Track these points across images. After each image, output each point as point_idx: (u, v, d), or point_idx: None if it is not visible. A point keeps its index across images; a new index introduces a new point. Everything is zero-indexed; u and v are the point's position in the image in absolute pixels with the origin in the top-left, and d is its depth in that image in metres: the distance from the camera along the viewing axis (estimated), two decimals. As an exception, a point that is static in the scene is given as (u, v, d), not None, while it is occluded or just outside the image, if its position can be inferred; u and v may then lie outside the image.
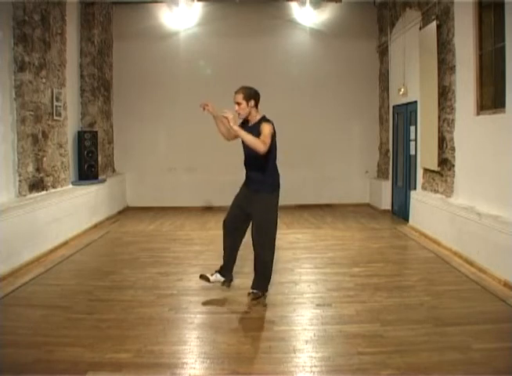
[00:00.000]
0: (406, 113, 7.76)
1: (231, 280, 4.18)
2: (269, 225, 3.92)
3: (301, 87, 9.08)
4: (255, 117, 3.86)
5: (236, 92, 3.82)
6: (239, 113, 3.84)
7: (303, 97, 9.11)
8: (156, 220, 7.97)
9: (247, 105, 3.79)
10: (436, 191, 6.38)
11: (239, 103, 3.80)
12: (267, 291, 4.04)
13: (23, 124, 5.48)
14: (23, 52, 5.48)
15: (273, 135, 3.78)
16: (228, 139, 4.13)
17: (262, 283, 4.00)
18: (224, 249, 4.16)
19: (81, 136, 7.45)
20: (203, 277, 4.14)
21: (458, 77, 5.68)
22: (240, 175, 4.24)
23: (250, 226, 4.01)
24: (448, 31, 5.89)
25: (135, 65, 9.00)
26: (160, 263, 5.25)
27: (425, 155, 6.70)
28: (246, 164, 4.01)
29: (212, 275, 4.12)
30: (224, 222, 4.12)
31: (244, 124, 3.93)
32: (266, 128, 3.70)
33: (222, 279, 4.11)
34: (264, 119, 3.83)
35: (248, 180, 4.05)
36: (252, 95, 3.81)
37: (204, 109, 3.87)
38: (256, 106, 3.85)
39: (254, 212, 3.90)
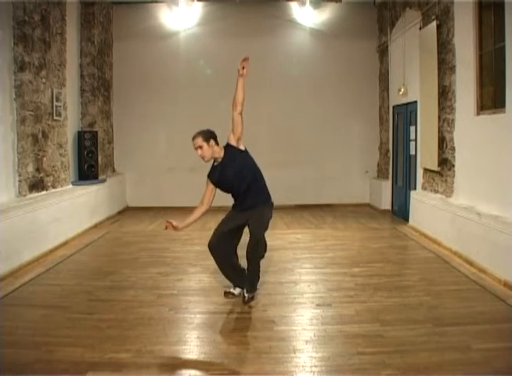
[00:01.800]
0: (406, 113, 7.76)
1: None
2: (266, 222, 3.86)
3: (301, 87, 9.08)
4: (221, 153, 3.85)
5: (194, 138, 3.83)
6: (203, 157, 3.84)
7: (303, 97, 9.11)
8: (156, 220, 7.97)
9: (208, 145, 3.80)
10: (436, 191, 6.37)
11: (200, 147, 3.81)
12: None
13: (23, 124, 5.48)
14: (23, 52, 5.48)
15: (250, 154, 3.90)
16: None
17: (255, 284, 3.94)
18: (222, 271, 4.03)
19: (81, 136, 7.46)
20: (227, 294, 4.02)
21: (458, 77, 5.68)
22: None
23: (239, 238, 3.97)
24: (448, 31, 5.89)
25: (135, 65, 9.01)
26: (160, 263, 5.25)
27: (425, 155, 6.70)
28: (236, 195, 3.93)
29: (235, 288, 4.04)
30: (209, 245, 3.89)
31: (215, 166, 3.92)
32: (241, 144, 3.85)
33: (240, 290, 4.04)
34: (229, 145, 3.85)
35: (239, 204, 3.94)
36: (209, 135, 3.82)
37: (167, 228, 3.77)
38: (216, 143, 3.84)
39: (253, 215, 3.79)
